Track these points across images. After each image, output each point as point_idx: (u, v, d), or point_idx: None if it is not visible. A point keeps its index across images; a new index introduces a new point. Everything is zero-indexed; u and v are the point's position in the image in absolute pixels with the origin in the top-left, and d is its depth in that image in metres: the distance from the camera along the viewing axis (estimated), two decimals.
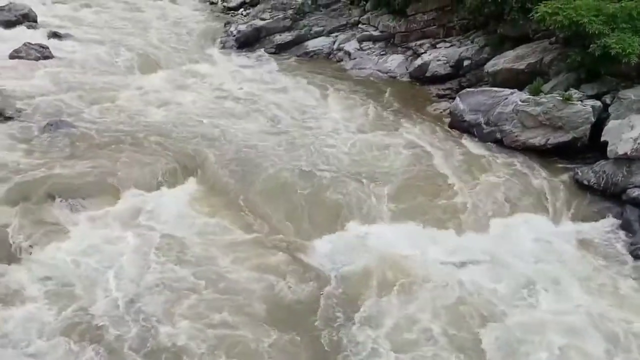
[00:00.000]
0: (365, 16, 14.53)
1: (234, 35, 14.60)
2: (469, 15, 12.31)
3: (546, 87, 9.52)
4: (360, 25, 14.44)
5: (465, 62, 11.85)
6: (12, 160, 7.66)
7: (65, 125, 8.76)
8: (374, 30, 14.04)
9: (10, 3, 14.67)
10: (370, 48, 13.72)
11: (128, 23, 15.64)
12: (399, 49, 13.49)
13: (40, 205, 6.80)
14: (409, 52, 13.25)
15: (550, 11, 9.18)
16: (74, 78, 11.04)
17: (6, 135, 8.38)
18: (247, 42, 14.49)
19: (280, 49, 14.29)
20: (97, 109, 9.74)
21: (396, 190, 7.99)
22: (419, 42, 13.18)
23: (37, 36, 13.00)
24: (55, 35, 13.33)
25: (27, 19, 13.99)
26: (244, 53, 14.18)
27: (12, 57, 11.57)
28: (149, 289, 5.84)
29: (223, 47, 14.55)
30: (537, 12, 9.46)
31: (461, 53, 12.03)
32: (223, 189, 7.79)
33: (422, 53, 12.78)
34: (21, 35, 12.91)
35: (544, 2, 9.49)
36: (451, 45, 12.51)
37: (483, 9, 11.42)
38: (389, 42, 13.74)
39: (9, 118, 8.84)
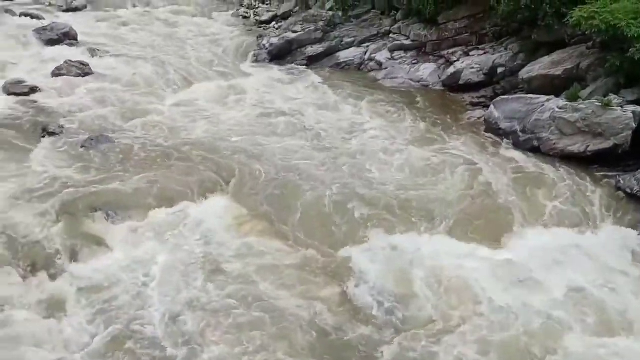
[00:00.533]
0: (396, 26, 14.54)
1: (267, 49, 14.81)
2: (502, 22, 12.18)
3: (584, 93, 9.31)
4: (391, 35, 14.46)
5: (499, 70, 11.70)
6: (55, 174, 7.91)
7: (106, 140, 9.03)
8: (405, 40, 14.03)
9: (53, 23, 15.30)
10: (401, 57, 13.71)
11: (165, 40, 16.07)
12: (431, 57, 13.43)
13: (82, 217, 6.97)
14: (441, 61, 13.17)
15: (586, 15, 9.01)
16: (113, 94, 11.38)
17: (50, 150, 8.69)
18: (279, 55, 14.69)
19: (311, 61, 14.42)
20: (136, 124, 10.00)
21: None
22: (451, 51, 13.09)
23: (77, 54, 13.46)
24: (95, 52, 13.79)
25: (68, 37, 14.53)
26: (276, 66, 14.38)
27: (54, 74, 12.01)
28: (188, 308, 5.80)
29: (256, 61, 14.79)
30: (572, 17, 9.29)
31: (495, 60, 11.88)
32: (263, 209, 7.63)
33: (455, 61, 12.68)
34: (63, 53, 13.38)
35: (579, 6, 9.32)
36: (484, 53, 12.38)
37: (516, 15, 11.29)
38: (420, 51, 13.70)
39: (53, 133, 9.17)
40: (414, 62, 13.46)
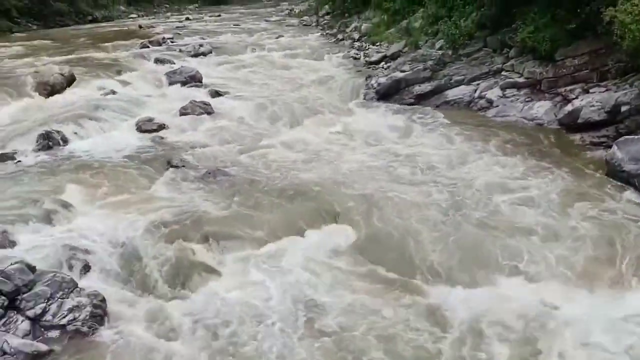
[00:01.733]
0: (508, 63, 14.18)
1: (375, 88, 15.11)
2: (627, 58, 11.38)
3: None
4: (503, 73, 14.10)
5: (623, 108, 10.86)
6: (174, 203, 8.55)
7: (223, 174, 9.67)
8: (519, 77, 13.60)
9: (181, 67, 16.92)
10: (514, 95, 13.28)
11: (280, 81, 17.05)
12: (546, 95, 12.85)
13: (196, 245, 7.40)
14: (558, 98, 12.54)
15: None
16: (231, 131, 12.24)
17: (171, 181, 9.46)
18: (387, 94, 14.90)
19: (419, 99, 14.45)
20: (251, 160, 10.57)
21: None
22: (569, 88, 12.43)
23: (201, 94, 14.70)
24: (216, 93, 14.97)
25: (194, 79, 15.96)
26: (384, 104, 14.56)
27: (180, 113, 13.18)
28: (294, 352, 5.67)
29: (364, 99, 15.14)
30: None
31: (618, 98, 11.07)
32: (376, 266, 7.19)
33: (573, 99, 12.00)
34: (189, 94, 14.71)
35: None
36: (606, 90, 11.60)
37: None
38: (535, 88, 13.17)
39: (175, 166, 10.01)
40: (527, 99, 12.97)
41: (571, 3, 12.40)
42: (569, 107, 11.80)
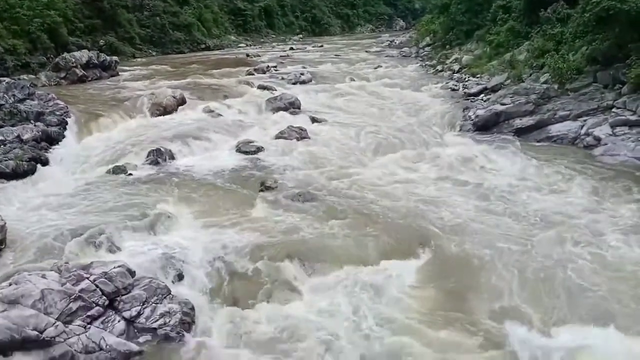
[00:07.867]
0: (620, 100, 13.28)
1: (472, 120, 14.80)
2: None
3: None
4: (614, 110, 13.22)
5: None
6: (265, 222, 8.85)
7: (312, 197, 9.90)
8: (631, 115, 12.68)
9: (282, 94, 17.63)
10: (625, 133, 12.39)
11: (374, 109, 17.26)
12: None
13: (281, 263, 7.61)
14: None
15: None
16: (323, 156, 12.53)
17: (265, 202, 9.82)
18: (485, 126, 14.53)
19: (519, 133, 13.94)
20: (340, 184, 10.75)
21: None
22: None
23: (298, 120, 15.23)
24: (312, 119, 15.43)
25: (293, 106, 16.58)
26: (482, 137, 14.19)
27: (277, 137, 13.73)
28: None
29: (460, 131, 14.84)
30: None
31: None
32: (456, 296, 7.09)
33: None
34: (286, 119, 15.32)
35: None
36: None
37: None
38: None
39: (269, 187, 10.40)
40: None
41: None
42: None
